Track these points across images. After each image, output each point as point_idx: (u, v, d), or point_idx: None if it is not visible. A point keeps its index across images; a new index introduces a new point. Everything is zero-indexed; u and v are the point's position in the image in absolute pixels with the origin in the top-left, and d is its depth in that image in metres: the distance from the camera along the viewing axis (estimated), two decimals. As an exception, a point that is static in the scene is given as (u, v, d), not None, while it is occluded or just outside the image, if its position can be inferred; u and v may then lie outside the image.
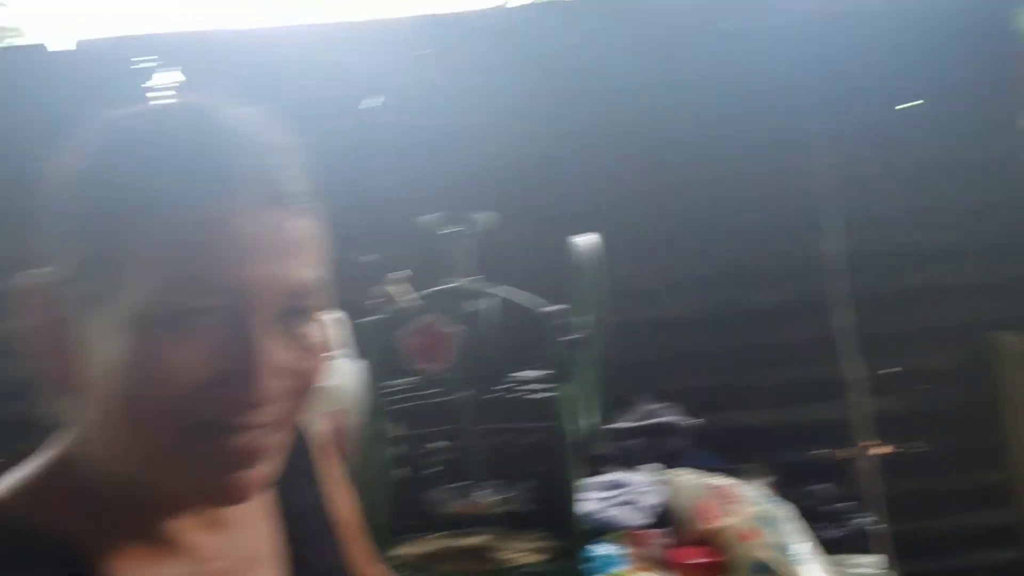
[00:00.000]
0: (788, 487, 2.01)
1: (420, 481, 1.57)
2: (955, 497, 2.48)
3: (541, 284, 1.59)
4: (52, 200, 0.60)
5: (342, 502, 0.90)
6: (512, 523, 1.55)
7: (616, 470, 1.98)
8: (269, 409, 0.58)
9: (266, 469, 0.60)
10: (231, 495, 0.59)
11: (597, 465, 1.98)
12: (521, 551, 1.47)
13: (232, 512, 0.69)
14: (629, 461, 2.05)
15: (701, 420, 2.12)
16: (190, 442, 0.57)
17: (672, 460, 2.06)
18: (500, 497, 1.47)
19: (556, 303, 1.51)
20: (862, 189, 2.42)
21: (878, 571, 1.74)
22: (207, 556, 0.65)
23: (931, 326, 2.47)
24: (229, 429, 0.57)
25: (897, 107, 2.47)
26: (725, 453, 2.19)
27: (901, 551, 2.20)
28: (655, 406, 2.23)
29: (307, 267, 0.59)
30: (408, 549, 1.49)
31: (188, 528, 0.64)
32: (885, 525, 2.12)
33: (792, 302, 2.45)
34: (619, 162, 2.40)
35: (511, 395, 1.49)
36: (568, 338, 1.45)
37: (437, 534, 1.54)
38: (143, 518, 0.62)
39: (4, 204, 1.70)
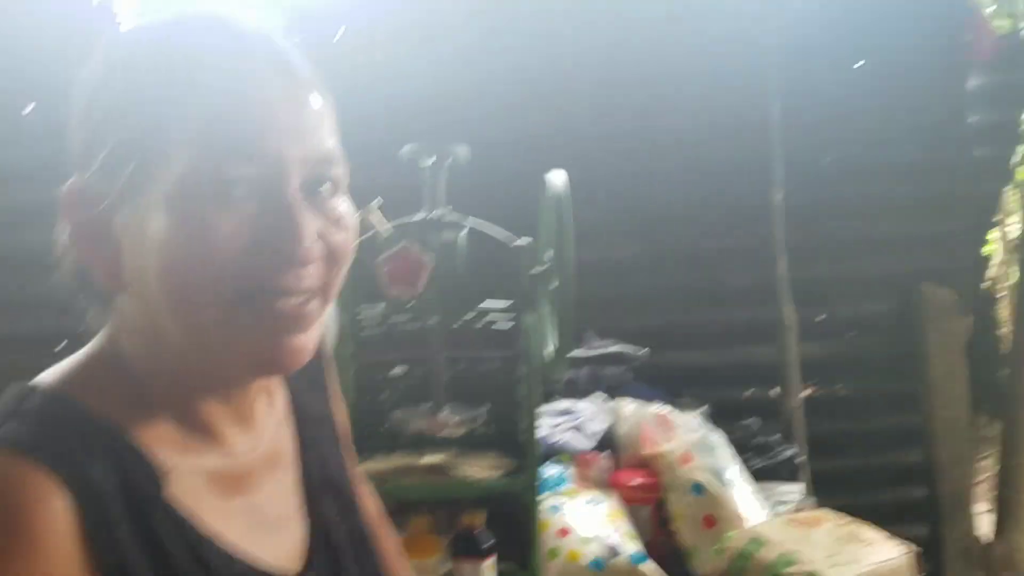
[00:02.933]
0: (722, 421, 2.15)
1: (386, 402, 1.64)
2: (875, 438, 2.68)
3: (506, 218, 1.64)
4: (85, 101, 0.64)
5: (342, 415, 0.96)
6: (471, 444, 1.64)
7: (566, 398, 2.09)
8: (310, 272, 0.62)
9: (310, 338, 0.64)
10: (281, 360, 0.63)
11: (550, 393, 2.09)
12: (477, 468, 1.56)
13: (258, 412, 0.73)
14: (577, 390, 2.17)
15: (646, 351, 2.23)
16: (239, 310, 0.60)
17: (616, 391, 2.18)
18: (461, 419, 1.55)
19: (521, 237, 1.57)
20: (808, 143, 2.53)
21: (797, 498, 1.88)
22: (236, 450, 0.69)
23: (863, 276, 2.62)
24: (274, 292, 0.61)
25: (854, 65, 2.56)
26: (667, 388, 2.32)
27: (822, 485, 2.37)
28: (603, 341, 2.34)
29: (327, 137, 0.64)
30: (371, 465, 1.56)
31: (221, 421, 0.68)
32: (805, 459, 2.28)
33: (736, 248, 2.57)
34: (582, 105, 2.46)
35: (477, 324, 1.56)
36: (535, 271, 1.52)
37: (399, 452, 1.62)
38: (181, 407, 0.66)
39: None
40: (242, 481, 0.69)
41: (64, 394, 0.62)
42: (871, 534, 1.54)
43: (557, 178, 1.52)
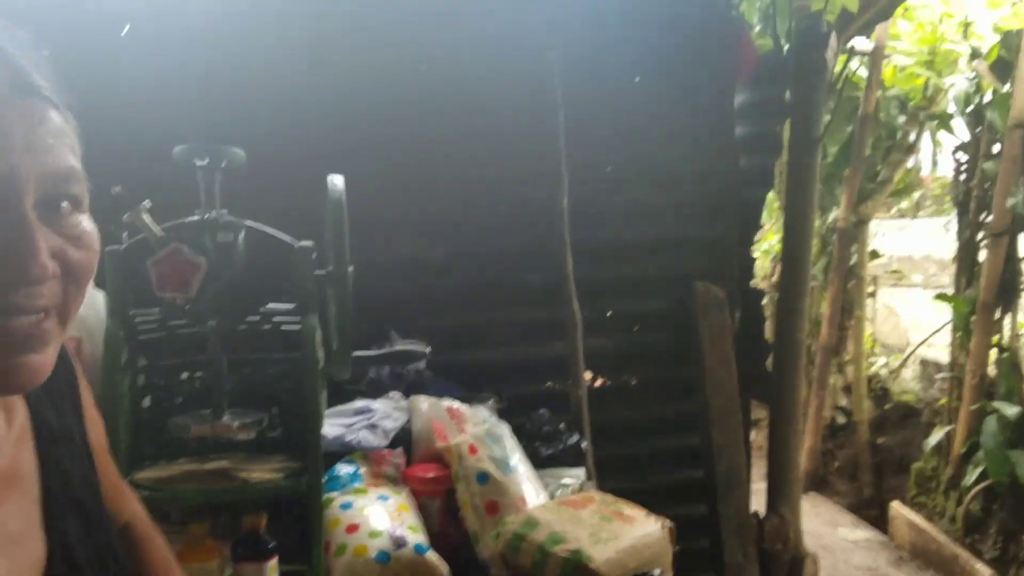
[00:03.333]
0: (516, 413, 2.26)
1: (165, 409, 1.61)
2: (656, 424, 2.89)
3: (287, 221, 1.65)
4: None
5: (96, 428, 0.95)
6: (256, 447, 1.64)
7: (362, 398, 2.13)
8: (45, 290, 0.62)
9: (47, 357, 0.64)
10: (15, 380, 0.63)
11: (345, 394, 2.12)
12: (261, 471, 1.56)
13: None
14: (374, 390, 2.21)
15: (430, 348, 2.30)
16: None
17: (413, 389, 2.24)
18: (245, 423, 1.54)
19: (302, 240, 1.59)
20: (590, 151, 2.69)
21: (577, 481, 2.01)
22: None
23: (645, 275, 2.83)
24: (7, 311, 0.60)
25: (635, 79, 2.75)
26: (464, 385, 2.41)
27: (610, 470, 2.54)
28: (400, 340, 2.39)
29: (66, 155, 0.64)
30: (150, 473, 1.53)
31: None
32: (588, 445, 2.42)
33: (528, 249, 2.69)
34: (374, 110, 2.50)
35: (260, 326, 1.57)
36: (318, 272, 1.55)
37: (185, 459, 1.59)
38: None
39: None
40: None
41: None
42: (632, 512, 1.69)
43: (335, 181, 1.55)
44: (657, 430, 2.88)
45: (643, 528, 1.62)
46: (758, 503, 2.98)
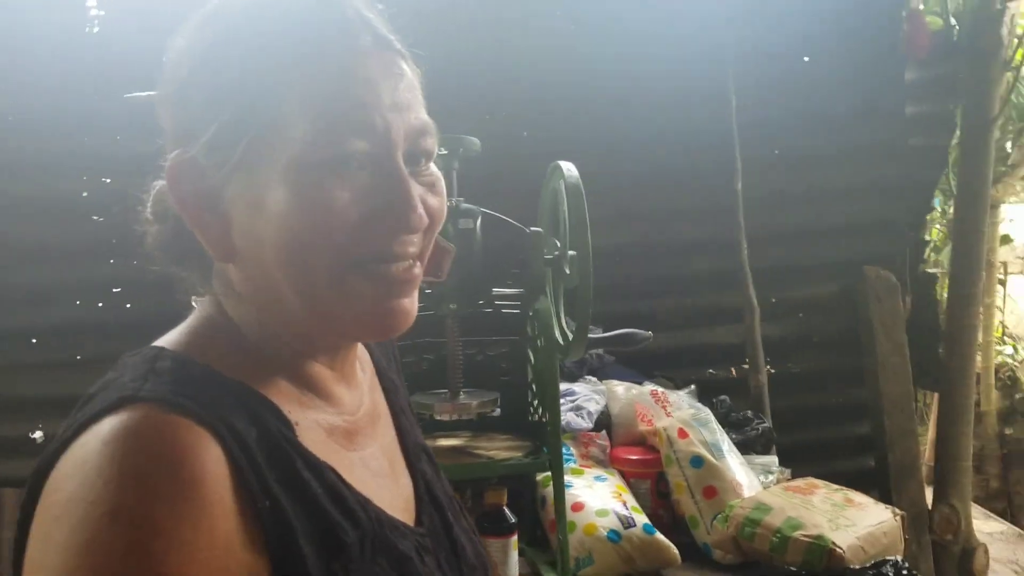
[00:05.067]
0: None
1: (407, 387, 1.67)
2: (825, 412, 2.84)
3: (511, 208, 1.68)
4: (182, 75, 0.64)
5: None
6: (481, 427, 1.69)
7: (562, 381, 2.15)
8: (416, 238, 0.65)
9: (414, 301, 0.67)
10: (393, 323, 0.66)
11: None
12: (497, 449, 1.61)
13: (357, 374, 0.77)
14: (563, 374, 2.23)
15: (650, 333, 2.31)
16: (354, 276, 0.63)
17: (593, 373, 2.26)
18: (483, 401, 1.59)
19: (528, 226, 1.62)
20: (758, 135, 2.65)
21: (774, 467, 2.00)
22: (346, 407, 0.73)
23: (810, 261, 2.77)
24: (387, 258, 0.64)
25: (803, 59, 2.70)
26: (639, 370, 2.42)
27: (781, 457, 2.51)
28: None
29: (421, 110, 0.66)
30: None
31: (328, 380, 0.71)
32: (773, 433, 2.40)
33: (702, 238, 2.68)
34: (558, 108, 2.54)
35: (487, 309, 1.61)
36: (547, 256, 1.57)
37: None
38: (292, 368, 0.68)
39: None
40: (355, 435, 0.72)
41: (188, 355, 0.64)
42: (861, 499, 1.67)
43: (566, 167, 1.57)
44: (825, 418, 2.83)
45: (877, 516, 1.60)
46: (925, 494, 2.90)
